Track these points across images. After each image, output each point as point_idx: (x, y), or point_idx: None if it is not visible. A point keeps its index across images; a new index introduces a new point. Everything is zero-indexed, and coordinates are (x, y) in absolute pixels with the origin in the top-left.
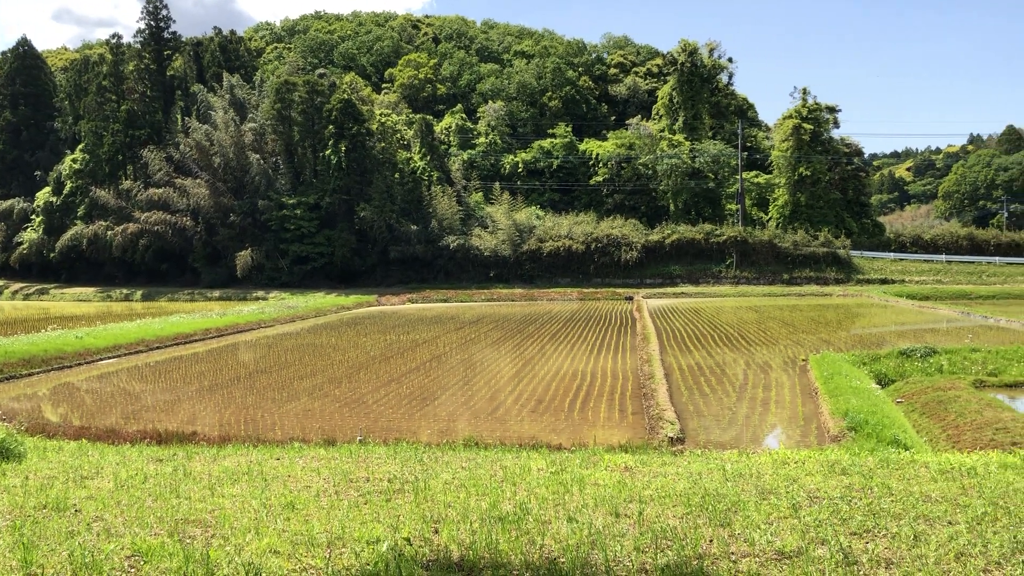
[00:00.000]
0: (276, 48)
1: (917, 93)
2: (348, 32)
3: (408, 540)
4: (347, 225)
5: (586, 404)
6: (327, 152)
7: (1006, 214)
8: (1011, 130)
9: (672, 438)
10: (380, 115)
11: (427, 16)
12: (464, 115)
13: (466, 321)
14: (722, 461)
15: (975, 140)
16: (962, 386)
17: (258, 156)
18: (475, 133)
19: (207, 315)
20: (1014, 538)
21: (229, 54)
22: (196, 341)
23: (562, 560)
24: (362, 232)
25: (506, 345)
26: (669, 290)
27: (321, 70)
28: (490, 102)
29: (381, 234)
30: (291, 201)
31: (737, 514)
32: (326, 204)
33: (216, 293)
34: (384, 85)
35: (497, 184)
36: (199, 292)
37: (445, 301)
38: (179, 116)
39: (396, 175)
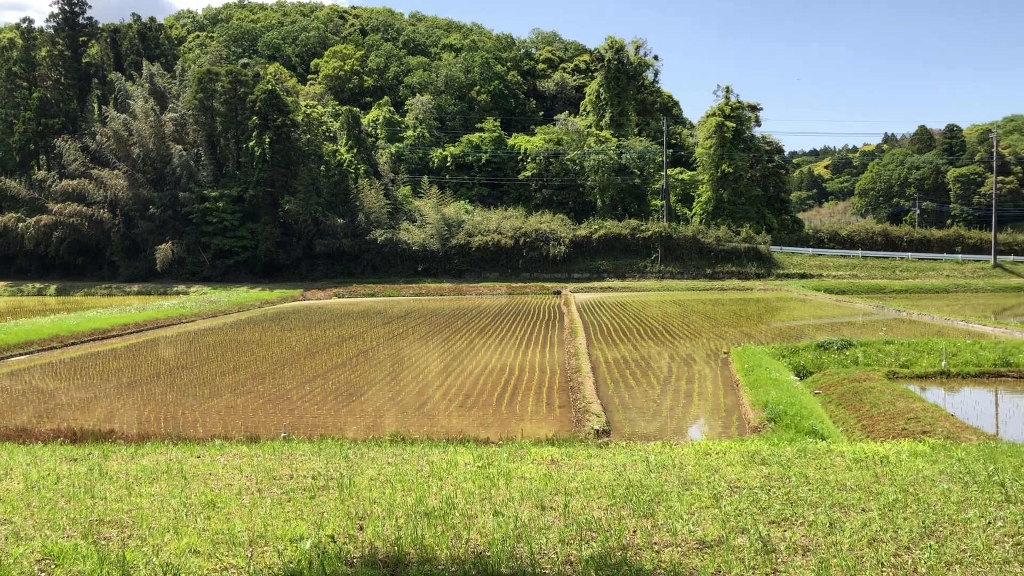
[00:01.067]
0: (198, 37)
1: (835, 93)
2: (273, 22)
3: (332, 537)
4: (271, 218)
5: (514, 398)
6: (251, 143)
7: (918, 211)
8: (923, 130)
9: (598, 430)
10: (306, 106)
11: (354, 7)
12: (392, 108)
13: (394, 316)
14: (646, 453)
15: (889, 140)
16: (876, 377)
17: (179, 147)
18: (403, 126)
19: (125, 310)
20: (922, 523)
21: (149, 42)
22: (114, 337)
23: (488, 554)
24: (287, 225)
25: (435, 340)
26: (596, 284)
27: (245, 60)
28: (418, 95)
29: (307, 227)
30: (213, 193)
31: (660, 505)
32: (250, 197)
33: (135, 287)
34: (310, 76)
35: (426, 178)
36: (117, 286)
37: (372, 295)
38: (96, 105)
39: (322, 168)
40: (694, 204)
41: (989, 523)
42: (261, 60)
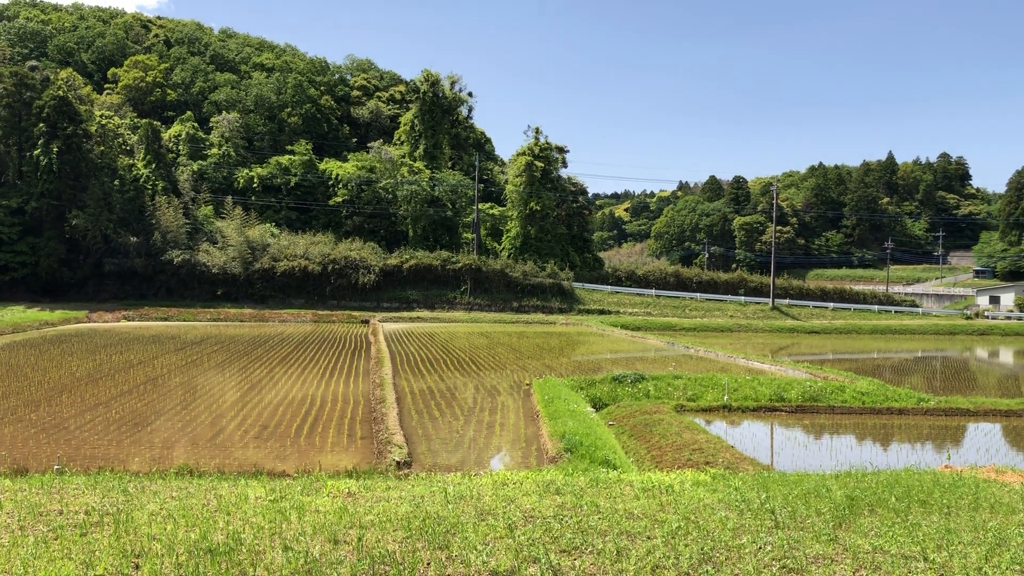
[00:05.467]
0: None
1: (636, 141)
2: (67, 24)
3: None
4: (56, 233)
5: (314, 429)
6: (36, 152)
7: (707, 255)
8: (713, 180)
9: (399, 462)
10: (101, 117)
11: (160, 17)
12: (196, 124)
13: (188, 341)
14: (444, 484)
15: (683, 187)
16: (666, 410)
17: None
18: (208, 143)
19: None
20: (702, 550)
21: None
22: None
23: None
24: (74, 241)
25: (232, 367)
26: (405, 314)
27: (33, 62)
28: (225, 112)
29: (96, 244)
30: None
31: (456, 536)
32: (31, 209)
33: None
34: (107, 86)
35: (230, 198)
36: None
37: (166, 320)
38: None
39: (116, 182)
40: (503, 239)
41: (760, 548)
42: (51, 64)
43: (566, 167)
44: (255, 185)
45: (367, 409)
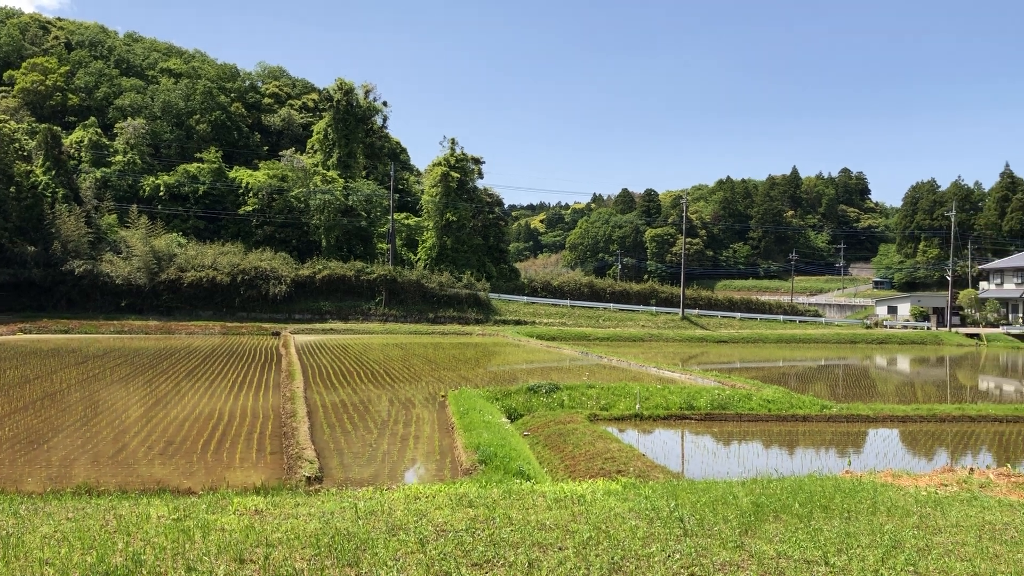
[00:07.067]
0: None
1: (551, 153)
2: None
3: None
4: None
5: (222, 445)
6: None
7: (620, 266)
8: (626, 192)
9: (310, 477)
10: None
11: (60, 19)
12: (99, 130)
13: (90, 355)
14: (355, 499)
15: (597, 199)
16: (579, 420)
17: None
18: (112, 150)
19: None
20: (612, 559)
21: None
22: None
23: None
24: None
25: (136, 381)
26: (318, 326)
27: None
28: (130, 119)
29: None
30: None
31: (366, 552)
32: None
33: None
34: (2, 88)
35: (135, 207)
36: None
37: (66, 332)
38: None
39: (12, 189)
40: (419, 249)
41: (669, 556)
42: None
43: (482, 178)
44: (162, 193)
45: (277, 423)
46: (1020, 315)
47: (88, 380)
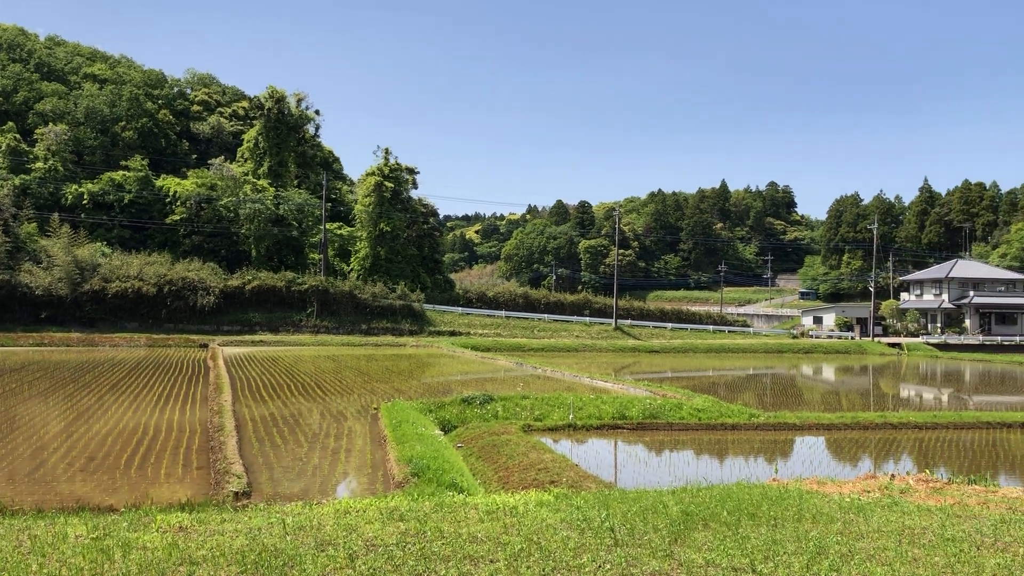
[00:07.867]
0: None
1: (486, 164)
2: None
3: None
4: None
5: (147, 460)
6: None
7: (554, 276)
8: (560, 204)
9: (237, 492)
10: None
11: None
12: (18, 135)
13: (6, 368)
14: (284, 515)
15: (532, 210)
16: (513, 431)
17: None
18: (32, 157)
19: None
20: (543, 571)
21: None
22: None
23: None
24: None
25: (56, 395)
26: (248, 338)
27: None
28: (52, 124)
29: None
30: None
31: (294, 569)
32: None
33: None
34: None
35: (56, 215)
36: None
37: None
38: None
39: None
40: (352, 259)
41: (600, 567)
42: None
43: (417, 188)
44: (85, 202)
45: (204, 438)
46: (939, 325)
47: (3, 395)
